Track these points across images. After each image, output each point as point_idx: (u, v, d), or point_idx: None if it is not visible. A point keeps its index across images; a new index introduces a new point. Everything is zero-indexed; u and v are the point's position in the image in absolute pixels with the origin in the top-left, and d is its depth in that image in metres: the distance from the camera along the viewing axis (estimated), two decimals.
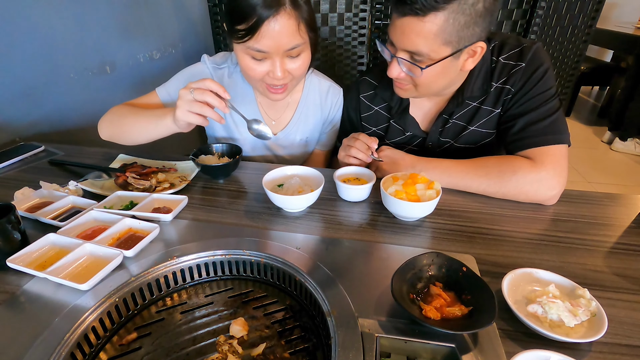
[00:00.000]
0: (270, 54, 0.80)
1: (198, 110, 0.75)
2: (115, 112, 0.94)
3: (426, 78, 0.78)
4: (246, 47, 0.80)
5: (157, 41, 1.69)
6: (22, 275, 0.59)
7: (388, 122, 1.02)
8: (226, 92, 0.76)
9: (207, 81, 0.75)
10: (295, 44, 0.80)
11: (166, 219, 0.73)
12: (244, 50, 0.82)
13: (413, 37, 0.73)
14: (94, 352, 0.53)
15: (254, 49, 0.79)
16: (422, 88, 0.83)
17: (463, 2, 0.68)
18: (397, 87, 0.88)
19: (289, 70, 0.85)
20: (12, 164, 0.98)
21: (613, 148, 3.05)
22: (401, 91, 0.88)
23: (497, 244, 0.68)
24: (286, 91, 0.91)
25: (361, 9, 1.58)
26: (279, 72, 0.83)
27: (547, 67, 0.82)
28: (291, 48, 0.80)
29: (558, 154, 0.78)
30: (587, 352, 0.48)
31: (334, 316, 0.51)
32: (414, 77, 0.80)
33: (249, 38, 0.77)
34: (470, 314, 0.50)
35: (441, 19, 0.69)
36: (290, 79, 0.87)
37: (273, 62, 0.82)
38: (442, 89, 0.86)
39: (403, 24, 0.73)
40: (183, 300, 0.62)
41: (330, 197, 0.83)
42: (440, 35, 0.71)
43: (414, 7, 0.69)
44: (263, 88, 0.90)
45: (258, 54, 0.81)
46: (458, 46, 0.74)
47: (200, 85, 0.75)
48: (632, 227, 0.73)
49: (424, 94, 0.87)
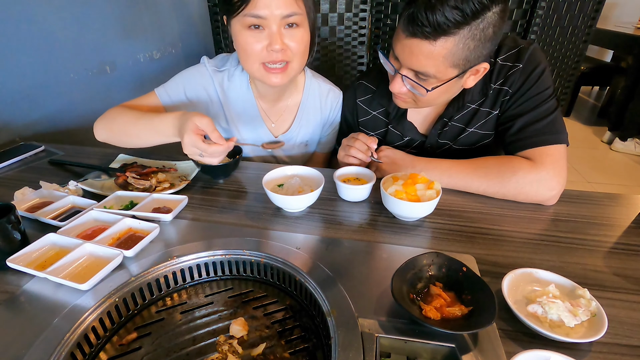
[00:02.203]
0: (267, 20, 0.78)
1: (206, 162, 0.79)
2: (113, 115, 0.91)
3: (429, 96, 0.78)
4: (243, 17, 0.79)
5: (157, 41, 1.69)
6: (22, 275, 0.59)
7: (386, 127, 1.01)
8: (231, 142, 0.76)
9: (214, 147, 0.74)
10: (292, 11, 0.79)
11: (166, 219, 0.73)
12: (240, 23, 0.81)
13: (422, 58, 0.71)
14: (94, 352, 0.53)
15: (250, 15, 0.78)
16: (423, 103, 0.83)
17: (474, 27, 0.67)
18: (397, 99, 0.87)
19: (288, 46, 0.83)
20: (12, 164, 0.98)
21: (613, 148, 3.05)
22: (401, 103, 0.87)
23: (497, 244, 0.68)
24: (285, 73, 0.87)
25: (361, 9, 1.58)
26: (278, 44, 0.81)
27: (544, 67, 0.82)
28: (288, 15, 0.79)
29: (557, 154, 0.78)
30: (587, 352, 0.48)
31: (334, 316, 0.51)
32: (416, 95, 0.80)
33: (245, 6, 0.77)
34: (470, 314, 0.50)
35: (451, 44, 0.68)
36: (290, 56, 0.85)
37: (271, 32, 0.80)
38: (441, 103, 0.88)
39: (412, 45, 0.71)
40: (183, 300, 0.62)
41: (330, 197, 0.83)
42: (448, 58, 0.70)
43: (425, 30, 0.67)
44: (261, 72, 0.87)
45: (255, 20, 0.79)
46: (464, 68, 0.73)
47: (206, 150, 0.74)
48: (632, 227, 0.73)
49: (424, 107, 0.89)
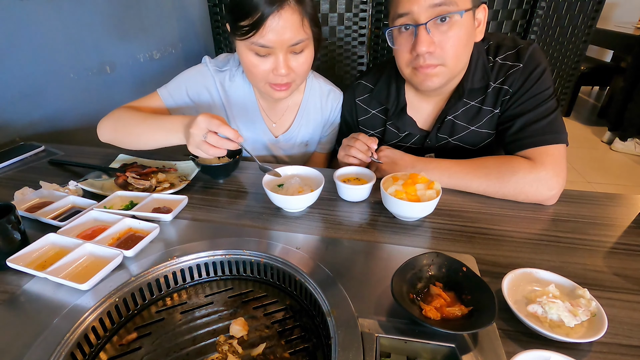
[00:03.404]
0: (274, 49, 0.80)
1: (207, 151, 0.75)
2: (119, 117, 0.91)
3: (459, 40, 0.76)
4: (250, 44, 0.80)
5: (157, 41, 1.69)
6: (22, 275, 0.59)
7: (384, 126, 1.01)
8: (240, 137, 0.75)
9: (222, 127, 0.73)
10: (299, 39, 0.80)
11: (166, 219, 0.73)
12: (247, 47, 0.82)
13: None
14: (94, 352, 0.53)
15: (258, 44, 0.79)
16: (454, 60, 0.78)
17: None
18: (426, 74, 0.81)
19: (293, 68, 0.84)
20: (12, 164, 0.98)
21: (613, 148, 3.05)
22: (432, 78, 0.81)
23: (497, 244, 0.68)
24: (289, 89, 0.90)
25: (361, 9, 1.58)
26: (283, 69, 0.82)
27: (544, 67, 0.82)
28: (295, 43, 0.80)
29: (557, 153, 0.78)
30: (587, 352, 0.48)
31: (334, 316, 0.51)
32: (445, 46, 0.76)
33: (253, 34, 0.77)
34: (470, 314, 0.50)
35: None
36: (293, 77, 0.87)
37: (277, 59, 0.82)
38: (464, 65, 0.84)
39: None
40: (183, 300, 0.62)
41: (330, 197, 0.83)
42: None
43: None
44: (266, 88, 0.89)
45: (262, 50, 0.80)
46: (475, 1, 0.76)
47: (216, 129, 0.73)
48: (632, 227, 0.73)
49: (454, 69, 0.81)
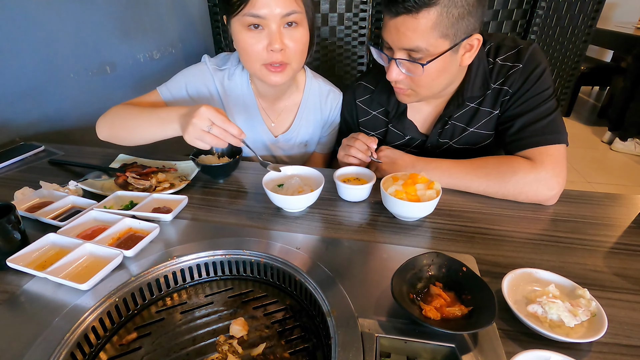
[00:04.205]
0: (266, 20, 0.79)
1: (209, 142, 0.74)
2: (116, 112, 0.92)
3: (427, 76, 0.78)
4: (242, 17, 0.79)
5: (157, 41, 1.69)
6: (22, 275, 0.59)
7: (386, 127, 1.01)
8: (243, 133, 0.76)
9: (228, 124, 0.74)
10: (291, 9, 0.79)
11: (166, 219, 0.73)
12: (240, 23, 0.81)
13: (409, 34, 0.73)
14: (94, 352, 0.53)
15: (249, 14, 0.78)
16: (424, 89, 0.82)
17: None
18: (399, 93, 0.87)
19: (287, 46, 0.83)
20: (12, 164, 0.98)
21: (613, 148, 3.05)
22: (403, 97, 0.87)
23: (497, 244, 0.68)
24: (285, 72, 0.87)
25: (361, 9, 1.58)
26: (277, 43, 0.81)
27: (544, 67, 0.82)
28: (287, 13, 0.79)
29: (557, 154, 0.78)
30: (587, 352, 0.48)
31: (334, 316, 0.51)
32: (414, 78, 0.79)
33: (244, 5, 0.77)
34: (470, 314, 0.50)
35: (434, 14, 0.70)
36: (289, 57, 0.85)
37: (270, 32, 0.81)
38: (443, 88, 0.85)
39: (397, 24, 0.73)
40: (183, 300, 0.62)
41: (330, 197, 0.83)
42: (436, 29, 0.71)
43: (406, 5, 0.70)
44: (262, 71, 0.87)
45: (255, 20, 0.79)
46: (455, 39, 0.74)
47: (221, 125, 0.73)
48: (632, 227, 0.73)
49: (426, 95, 0.85)
